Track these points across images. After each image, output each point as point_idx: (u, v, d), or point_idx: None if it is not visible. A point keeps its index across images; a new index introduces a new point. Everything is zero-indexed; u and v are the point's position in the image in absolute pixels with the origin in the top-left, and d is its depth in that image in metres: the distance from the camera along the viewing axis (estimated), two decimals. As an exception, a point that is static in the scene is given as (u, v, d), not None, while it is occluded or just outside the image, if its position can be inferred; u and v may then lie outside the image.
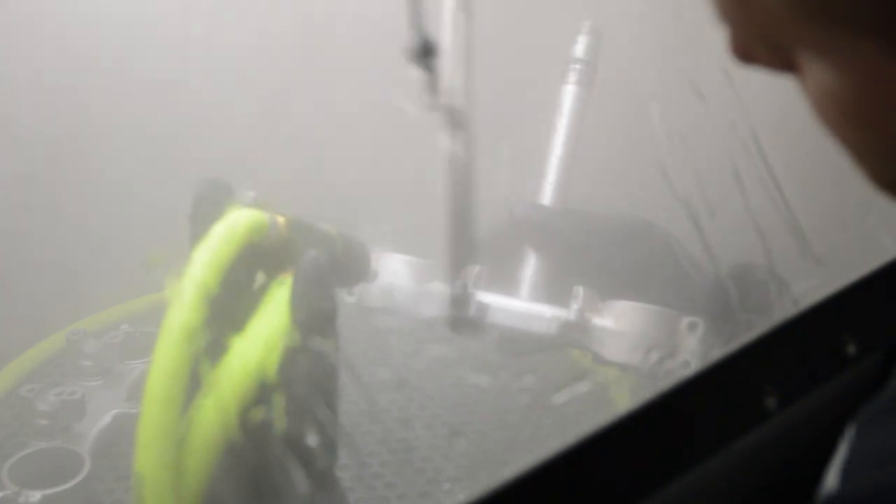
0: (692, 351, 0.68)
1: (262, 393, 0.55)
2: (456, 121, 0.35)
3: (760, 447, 0.39)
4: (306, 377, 0.55)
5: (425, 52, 0.34)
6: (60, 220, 0.94)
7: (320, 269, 0.58)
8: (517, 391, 0.89)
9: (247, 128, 0.98)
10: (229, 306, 0.56)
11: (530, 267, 0.75)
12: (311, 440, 0.55)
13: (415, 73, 0.34)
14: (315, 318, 0.57)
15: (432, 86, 0.34)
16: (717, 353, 0.38)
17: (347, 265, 0.65)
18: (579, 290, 0.71)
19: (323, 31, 0.99)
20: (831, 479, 0.37)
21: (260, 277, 0.59)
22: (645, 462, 0.36)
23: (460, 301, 0.72)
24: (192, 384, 0.54)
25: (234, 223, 0.56)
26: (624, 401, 0.86)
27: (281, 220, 0.60)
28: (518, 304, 0.73)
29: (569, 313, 0.70)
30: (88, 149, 0.95)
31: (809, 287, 0.44)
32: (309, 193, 0.99)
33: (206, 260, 0.54)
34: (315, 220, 0.63)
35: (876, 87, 0.27)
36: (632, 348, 0.69)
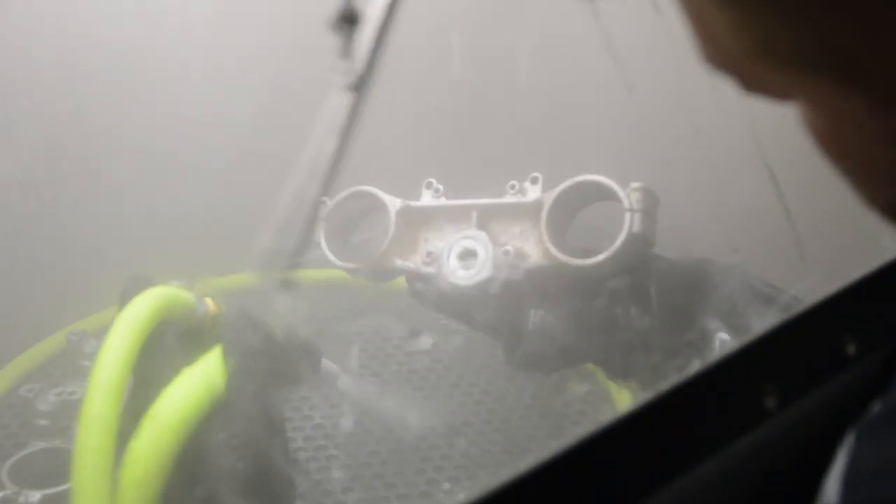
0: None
1: (196, 432, 0.58)
2: (356, 85, 0.35)
3: (760, 447, 0.39)
4: (240, 417, 0.59)
5: (347, 20, 0.34)
6: (60, 221, 0.94)
7: (249, 317, 0.64)
8: (517, 391, 0.89)
9: (247, 128, 0.98)
10: (157, 367, 0.60)
11: None
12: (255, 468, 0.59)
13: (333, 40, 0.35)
14: (247, 357, 0.61)
15: (345, 51, 0.35)
16: (717, 353, 0.38)
17: (288, 358, 0.67)
18: None
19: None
20: (831, 489, 0.37)
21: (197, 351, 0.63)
22: (645, 462, 0.36)
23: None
24: (122, 435, 0.57)
25: (151, 294, 0.62)
26: (624, 401, 0.86)
27: (210, 302, 0.65)
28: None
29: None
30: (88, 149, 0.95)
31: (807, 289, 0.44)
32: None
33: (125, 325, 0.59)
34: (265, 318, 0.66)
35: (840, 122, 0.27)
36: None
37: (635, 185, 0.74)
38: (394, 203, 0.81)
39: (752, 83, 0.29)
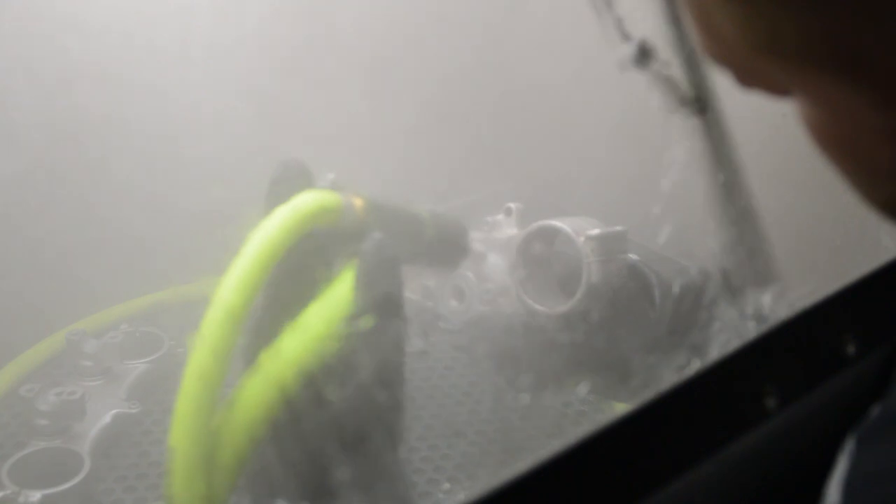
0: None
1: (316, 376, 0.53)
2: (700, 107, 0.35)
3: (760, 447, 0.39)
4: (366, 362, 0.54)
5: (644, 55, 0.34)
6: (60, 221, 0.94)
7: (384, 251, 0.56)
8: (517, 391, 0.89)
9: (246, 128, 0.98)
10: (289, 288, 0.55)
11: None
12: (368, 426, 0.54)
13: (645, 78, 0.34)
14: (377, 302, 0.55)
15: (667, 84, 0.34)
16: (717, 352, 0.38)
17: (439, 247, 0.63)
18: None
19: (327, 32, 0.99)
20: (833, 494, 0.37)
21: (336, 261, 0.57)
22: (645, 462, 0.36)
23: None
24: (243, 362, 0.54)
25: (298, 205, 0.55)
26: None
27: (358, 202, 0.58)
28: None
29: None
30: (88, 149, 0.95)
31: (807, 290, 0.44)
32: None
33: (260, 242, 0.53)
34: (404, 202, 0.61)
35: (842, 118, 0.27)
36: None
37: (592, 233, 0.74)
38: None
39: (751, 78, 0.28)
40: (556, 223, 0.77)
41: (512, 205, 0.80)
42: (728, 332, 0.65)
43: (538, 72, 1.05)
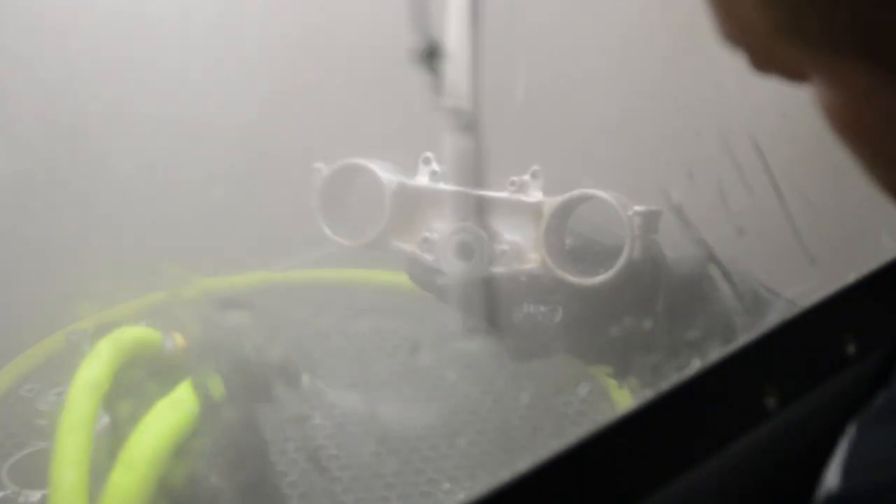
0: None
1: (174, 460, 0.58)
2: (463, 123, 0.34)
3: (760, 447, 0.39)
4: (217, 448, 0.60)
5: (430, 54, 0.34)
6: (60, 221, 0.94)
7: (217, 347, 0.65)
8: (517, 391, 0.89)
9: (249, 127, 0.98)
10: (127, 412, 0.62)
11: None
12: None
13: (420, 76, 0.34)
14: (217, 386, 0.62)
15: (437, 88, 0.34)
16: (717, 353, 0.38)
17: (262, 379, 0.67)
18: None
19: (328, 31, 0.99)
20: (832, 477, 0.37)
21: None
22: (645, 462, 0.36)
23: None
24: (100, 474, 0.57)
25: (118, 337, 0.63)
26: (624, 401, 0.86)
27: (179, 338, 0.67)
28: None
29: None
30: (88, 149, 0.95)
31: (807, 289, 0.44)
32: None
33: (85, 378, 0.62)
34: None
35: (864, 103, 0.27)
36: None
37: (639, 208, 0.71)
38: (390, 182, 0.77)
39: (768, 62, 0.28)
40: (602, 193, 0.73)
41: (538, 167, 0.77)
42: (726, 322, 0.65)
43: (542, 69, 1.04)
